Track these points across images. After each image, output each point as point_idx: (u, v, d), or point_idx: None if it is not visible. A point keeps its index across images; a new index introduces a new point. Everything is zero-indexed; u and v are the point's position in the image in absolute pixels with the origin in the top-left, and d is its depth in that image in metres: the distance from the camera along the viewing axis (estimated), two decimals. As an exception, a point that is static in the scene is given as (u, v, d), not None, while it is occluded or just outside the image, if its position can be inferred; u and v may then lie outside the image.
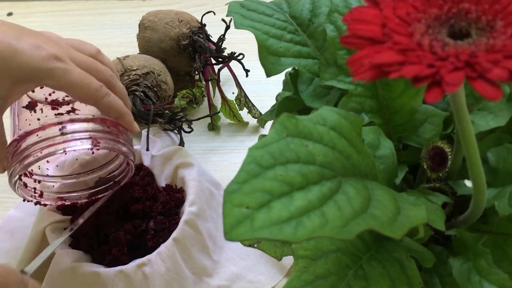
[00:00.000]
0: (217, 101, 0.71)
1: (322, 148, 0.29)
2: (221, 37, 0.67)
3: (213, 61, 0.69)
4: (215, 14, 0.68)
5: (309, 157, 0.28)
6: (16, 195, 0.49)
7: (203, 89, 0.63)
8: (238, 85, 0.68)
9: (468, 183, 0.35)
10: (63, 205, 0.53)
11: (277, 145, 0.27)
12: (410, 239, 0.35)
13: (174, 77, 0.70)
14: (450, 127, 0.40)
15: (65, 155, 0.55)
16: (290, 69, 0.45)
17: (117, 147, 0.47)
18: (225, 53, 0.67)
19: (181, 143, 0.64)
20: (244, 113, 0.69)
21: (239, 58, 0.67)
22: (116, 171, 0.55)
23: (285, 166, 0.27)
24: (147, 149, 0.58)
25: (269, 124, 0.61)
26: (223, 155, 0.66)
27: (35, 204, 0.51)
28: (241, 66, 0.66)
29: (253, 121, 0.69)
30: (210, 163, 0.65)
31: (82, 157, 0.56)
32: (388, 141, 0.37)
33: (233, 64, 0.68)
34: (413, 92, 0.39)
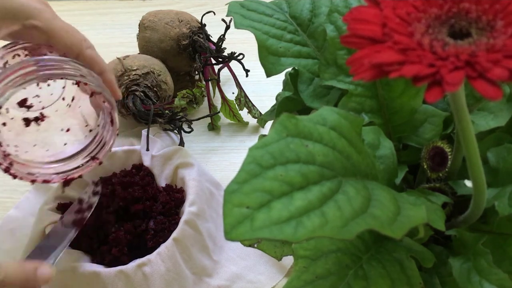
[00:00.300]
0: (217, 101, 0.71)
1: (322, 148, 0.29)
2: (221, 37, 0.67)
3: (213, 61, 0.69)
4: (215, 14, 0.68)
5: (309, 157, 0.28)
6: (16, 195, 0.48)
7: (203, 89, 0.63)
8: (238, 85, 0.68)
9: (468, 183, 0.35)
10: (34, 181, 0.47)
11: (277, 145, 0.27)
12: (410, 239, 0.35)
13: (174, 77, 0.70)
14: (450, 127, 0.40)
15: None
16: (290, 69, 0.45)
17: (95, 82, 0.44)
18: (225, 53, 0.67)
19: (181, 143, 0.64)
20: (244, 113, 0.69)
21: (239, 58, 0.67)
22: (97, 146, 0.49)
23: (285, 166, 0.27)
24: (147, 149, 0.58)
25: (269, 124, 0.61)
26: (223, 155, 0.66)
27: (4, 171, 0.44)
28: (241, 66, 0.66)
29: (253, 121, 0.69)
30: (210, 163, 0.65)
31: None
32: (388, 141, 0.37)
33: (233, 64, 0.68)
34: (413, 92, 0.39)
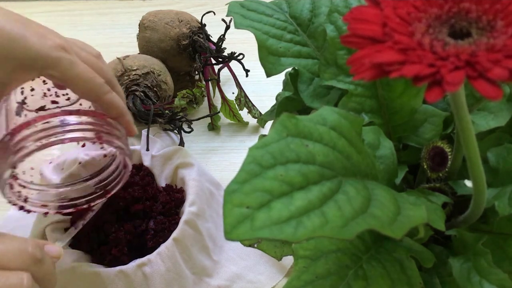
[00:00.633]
0: (217, 101, 0.71)
1: (322, 148, 0.29)
2: (221, 37, 0.67)
3: (213, 61, 0.69)
4: (215, 14, 0.68)
5: (309, 157, 0.28)
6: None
7: (203, 89, 0.63)
8: (238, 85, 0.68)
9: (468, 183, 0.35)
10: (47, 213, 0.49)
11: (277, 145, 0.27)
12: (410, 239, 0.35)
13: (174, 77, 0.70)
14: (450, 127, 0.40)
15: (60, 157, 0.53)
16: (290, 69, 0.45)
17: (116, 143, 0.45)
18: (225, 53, 0.67)
19: (181, 143, 0.63)
20: (244, 113, 0.69)
21: (239, 58, 0.67)
22: (109, 178, 0.52)
23: (285, 166, 0.27)
24: (147, 149, 0.58)
25: (269, 124, 0.61)
26: (223, 155, 0.66)
27: (19, 209, 0.47)
28: (241, 66, 0.66)
29: (253, 121, 0.69)
30: (210, 163, 0.65)
31: (72, 166, 0.55)
32: (388, 141, 0.37)
33: (233, 64, 0.68)
34: (413, 92, 0.39)
